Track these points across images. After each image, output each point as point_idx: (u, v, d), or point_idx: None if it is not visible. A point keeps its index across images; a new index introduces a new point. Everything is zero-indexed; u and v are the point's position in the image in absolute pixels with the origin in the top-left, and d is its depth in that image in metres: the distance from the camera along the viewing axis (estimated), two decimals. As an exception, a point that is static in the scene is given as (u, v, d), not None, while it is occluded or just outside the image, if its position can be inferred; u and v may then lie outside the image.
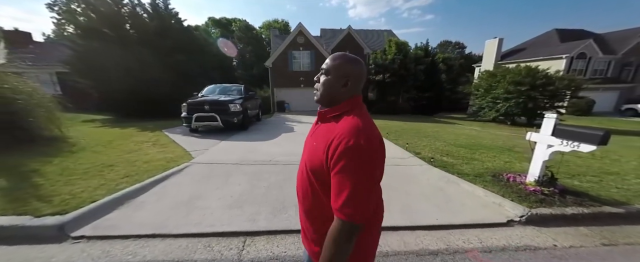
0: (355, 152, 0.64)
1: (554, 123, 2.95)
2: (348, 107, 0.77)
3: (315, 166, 0.75)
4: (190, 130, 6.55)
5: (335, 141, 0.68)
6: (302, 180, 0.83)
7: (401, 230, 2.30)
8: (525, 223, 2.48)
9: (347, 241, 0.66)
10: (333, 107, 0.79)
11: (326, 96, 0.80)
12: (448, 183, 3.40)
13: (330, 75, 0.78)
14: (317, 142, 0.78)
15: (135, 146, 4.78)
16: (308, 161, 0.79)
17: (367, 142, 0.66)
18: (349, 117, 0.73)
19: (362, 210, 0.65)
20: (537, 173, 3.14)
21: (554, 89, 8.98)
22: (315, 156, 0.75)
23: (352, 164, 0.64)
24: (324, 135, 0.76)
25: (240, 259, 1.83)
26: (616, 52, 17.91)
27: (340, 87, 0.77)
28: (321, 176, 0.74)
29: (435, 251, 2.01)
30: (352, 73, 0.77)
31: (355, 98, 0.79)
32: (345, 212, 0.65)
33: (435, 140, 6.41)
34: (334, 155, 0.67)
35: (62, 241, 1.94)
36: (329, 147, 0.69)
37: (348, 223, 0.65)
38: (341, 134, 0.68)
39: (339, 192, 0.66)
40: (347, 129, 0.68)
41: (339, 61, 0.77)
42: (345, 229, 0.65)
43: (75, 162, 3.57)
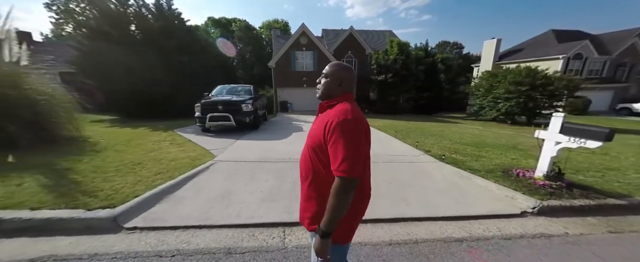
0: (344, 125, 0.85)
1: (562, 121, 3.16)
2: (340, 99, 1.00)
3: (315, 144, 0.95)
4: (203, 129, 6.69)
5: (330, 120, 0.88)
6: (305, 158, 1.04)
7: (425, 221, 2.49)
8: (537, 214, 2.69)
9: (345, 193, 0.84)
10: (329, 99, 1.03)
11: (325, 93, 1.04)
12: (461, 178, 3.60)
13: (328, 79, 1.03)
14: (317, 126, 1.00)
15: (154, 145, 4.91)
16: (310, 142, 1.00)
17: (353, 117, 0.87)
18: (340, 104, 0.96)
19: (354, 167, 0.83)
20: (546, 168, 3.35)
21: (554, 89, 9.27)
22: (316, 136, 0.95)
23: (343, 134, 0.84)
24: (322, 120, 0.96)
25: (285, 247, 2.00)
26: (611, 52, 18.35)
27: (336, 87, 1.02)
28: (319, 151, 0.94)
29: (459, 238, 2.20)
30: (345, 77, 1.02)
31: (347, 94, 1.02)
32: (342, 169, 0.83)
33: (441, 139, 6.62)
34: (329, 131, 0.87)
35: (117, 232, 2.09)
36: (325, 127, 0.89)
37: (345, 178, 0.83)
38: (334, 115, 0.89)
39: (335, 156, 0.85)
40: (338, 111, 0.90)
41: (335, 68, 1.03)
42: (344, 183, 0.83)
43: (104, 160, 3.70)
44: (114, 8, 11.06)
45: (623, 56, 18.38)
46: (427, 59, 16.75)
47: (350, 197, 0.85)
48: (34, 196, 2.43)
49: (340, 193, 0.83)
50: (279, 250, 1.95)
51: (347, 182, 0.83)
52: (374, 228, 2.33)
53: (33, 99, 4.37)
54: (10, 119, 3.92)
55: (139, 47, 11.23)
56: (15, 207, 2.22)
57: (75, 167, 3.33)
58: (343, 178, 0.83)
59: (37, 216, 2.10)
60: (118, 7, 11.18)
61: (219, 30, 35.25)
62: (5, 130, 3.86)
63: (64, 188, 2.65)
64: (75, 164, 3.48)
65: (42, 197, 2.42)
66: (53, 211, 2.20)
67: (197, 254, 1.86)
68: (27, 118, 4.18)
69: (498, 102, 10.56)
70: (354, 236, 2.14)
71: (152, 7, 12.84)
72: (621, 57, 18.41)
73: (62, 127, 4.92)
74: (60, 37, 27.57)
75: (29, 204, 2.28)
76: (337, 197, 0.84)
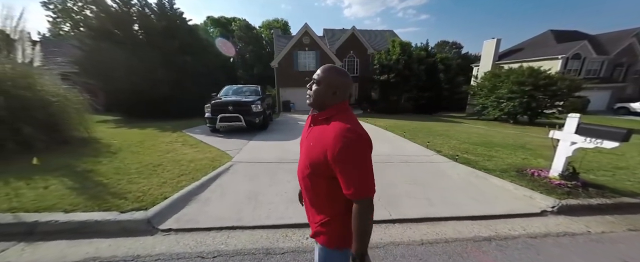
0: (350, 148, 0.81)
1: (578, 122, 3.23)
2: (335, 111, 0.91)
3: (314, 162, 0.89)
4: (212, 130, 6.69)
5: (331, 144, 0.82)
6: (303, 176, 0.98)
7: (451, 220, 2.54)
8: (557, 213, 2.76)
9: (367, 214, 0.83)
10: (323, 111, 0.94)
11: (317, 102, 0.94)
12: (477, 178, 3.67)
13: (320, 86, 0.91)
14: (313, 142, 0.92)
15: (167, 146, 4.91)
16: (307, 159, 0.93)
17: (356, 136, 0.82)
18: (337, 121, 0.87)
19: (369, 186, 0.83)
20: (560, 168, 3.43)
21: (556, 89, 9.42)
22: (314, 154, 0.89)
23: (351, 157, 0.81)
24: (318, 136, 0.90)
25: (301, 249, 2.03)
26: (609, 52, 18.62)
27: (330, 95, 0.91)
28: (319, 170, 0.89)
29: (487, 237, 2.26)
30: (341, 84, 0.91)
31: (341, 103, 0.93)
32: (358, 192, 0.81)
33: (449, 138, 6.70)
34: (334, 157, 0.81)
35: (153, 234, 2.12)
36: (327, 151, 0.83)
37: (363, 200, 0.82)
38: (334, 137, 0.82)
39: (348, 181, 0.81)
40: (338, 131, 0.83)
41: (328, 74, 0.91)
42: (365, 205, 0.82)
43: (123, 162, 3.71)
44: (116, 7, 10.96)
45: (620, 56, 18.66)
46: (429, 59, 16.87)
47: (371, 216, 0.84)
48: (64, 199, 2.43)
49: (363, 215, 0.82)
50: (311, 251, 1.98)
51: (367, 203, 0.82)
52: (402, 228, 2.37)
53: (46, 100, 4.35)
54: (26, 121, 3.90)
55: (142, 47, 11.17)
56: (48, 209, 2.23)
57: (97, 169, 3.33)
58: (363, 200, 0.82)
59: (74, 218, 2.11)
60: (121, 6, 11.09)
61: (218, 30, 35.06)
62: (21, 132, 3.84)
63: (91, 190, 2.65)
64: (95, 166, 3.48)
65: (72, 199, 2.43)
66: (87, 213, 2.21)
67: (238, 254, 1.90)
68: (41, 119, 4.16)
69: (501, 102, 10.69)
70: (388, 236, 2.22)
71: (155, 7, 12.76)
72: (619, 57, 18.70)
73: (74, 129, 4.91)
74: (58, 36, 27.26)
75: (60, 206, 2.29)
76: (362, 220, 0.82)
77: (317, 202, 0.97)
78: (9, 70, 4.05)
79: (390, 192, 3.07)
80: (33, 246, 1.89)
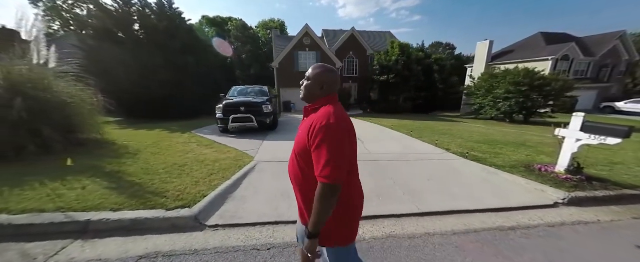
0: (327, 129, 0.84)
1: (583, 121, 3.49)
2: (324, 102, 0.99)
3: (301, 149, 0.94)
4: (222, 131, 6.73)
5: (313, 124, 0.88)
6: (293, 165, 1.03)
7: (475, 213, 2.73)
8: (568, 204, 2.99)
9: (328, 199, 0.83)
10: (313, 103, 1.04)
11: (307, 95, 1.05)
12: (490, 174, 3.89)
13: (310, 81, 1.03)
14: (302, 130, 0.99)
15: (184, 147, 4.95)
16: (296, 147, 0.99)
17: (336, 120, 0.86)
18: (323, 108, 0.95)
19: (337, 173, 0.83)
20: (566, 164, 3.68)
21: (551, 89, 9.89)
22: (301, 141, 0.94)
23: (326, 138, 0.84)
24: (306, 124, 0.95)
25: (364, 238, 2.18)
26: (595, 54, 19.51)
27: (318, 90, 1.01)
28: (306, 156, 0.92)
29: (511, 227, 2.45)
30: (327, 80, 1.01)
31: (330, 96, 1.02)
32: (324, 175, 0.83)
33: (453, 137, 6.96)
34: (313, 134, 0.86)
35: (202, 230, 2.21)
36: (309, 131, 0.88)
37: (327, 184, 0.83)
38: (317, 119, 0.88)
39: (318, 161, 0.84)
40: (321, 115, 0.90)
41: (317, 71, 1.02)
42: (326, 190, 0.83)
43: (147, 163, 3.75)
44: (117, 7, 10.80)
45: (606, 58, 19.59)
46: (427, 60, 17.28)
47: (333, 202, 0.85)
48: (106, 198, 2.49)
49: (323, 199, 0.84)
50: (360, 241, 2.12)
51: (330, 188, 0.83)
52: (432, 221, 2.54)
53: (63, 101, 4.33)
54: (45, 123, 3.88)
55: (143, 47, 11.04)
56: (95, 209, 2.29)
57: (124, 170, 3.37)
58: (326, 184, 0.83)
59: (124, 216, 2.19)
60: (121, 6, 10.93)
61: (214, 30, 34.69)
62: (41, 134, 3.83)
63: (129, 190, 2.71)
64: (122, 167, 3.52)
65: (115, 199, 2.49)
66: (134, 211, 2.29)
67: (288, 247, 2.02)
68: (58, 121, 4.15)
69: (498, 102, 11.11)
70: (421, 228, 2.38)
71: (155, 7, 12.62)
72: (604, 59, 19.62)
73: (88, 130, 4.89)
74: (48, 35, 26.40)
75: (106, 205, 2.35)
76: (320, 203, 0.84)
77: (305, 196, 0.99)
78: (26, 72, 4.02)
79: (413, 188, 3.25)
80: (90, 243, 1.96)
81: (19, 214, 2.15)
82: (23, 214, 2.14)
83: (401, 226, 2.40)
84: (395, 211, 2.64)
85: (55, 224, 2.05)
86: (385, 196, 3.01)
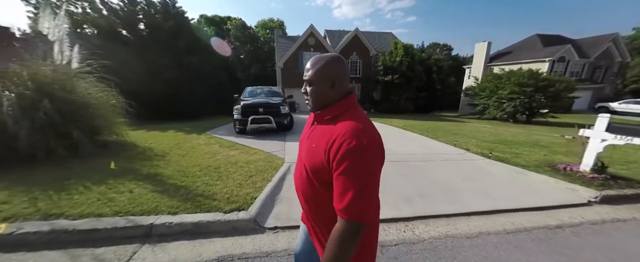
0: (357, 153, 0.65)
1: (608, 122, 3.62)
2: (343, 108, 0.77)
3: (316, 167, 0.75)
4: (239, 132, 6.69)
5: (337, 142, 0.67)
6: (302, 182, 0.83)
7: (518, 211, 2.80)
8: (600, 203, 3.10)
9: (351, 240, 0.66)
10: (327, 109, 0.79)
11: (318, 103, 0.80)
12: (518, 174, 3.99)
13: (314, 85, 0.78)
14: (315, 143, 0.77)
15: (207, 149, 4.92)
16: (307, 163, 0.79)
17: (369, 141, 0.67)
18: (347, 119, 0.73)
19: (367, 209, 0.66)
20: (591, 163, 3.81)
21: (555, 90, 10.18)
22: (316, 157, 0.75)
23: (356, 165, 0.65)
24: (322, 136, 0.75)
25: (424, 238, 2.22)
26: (589, 56, 20.12)
27: (328, 90, 0.77)
28: (322, 176, 0.74)
29: (558, 225, 2.54)
30: (336, 73, 0.76)
31: (348, 98, 0.79)
32: (350, 212, 0.65)
33: (467, 137, 7.09)
34: (337, 156, 0.66)
35: (263, 232, 2.22)
36: (330, 149, 0.69)
37: (353, 223, 0.65)
38: (343, 135, 0.68)
39: (343, 192, 0.66)
40: (348, 130, 0.68)
41: (318, 67, 0.77)
42: (350, 229, 0.65)
43: (180, 165, 3.71)
44: (122, 5, 10.61)
45: (599, 59, 20.23)
46: (428, 61, 17.52)
47: (354, 245, 0.67)
48: (159, 201, 2.47)
49: (344, 240, 0.66)
50: (420, 241, 2.17)
51: (354, 228, 0.66)
52: (480, 220, 2.60)
53: (87, 102, 4.25)
54: (74, 124, 3.81)
55: (149, 46, 10.88)
56: (152, 213, 2.27)
57: (162, 173, 3.34)
58: (350, 222, 0.65)
59: (185, 220, 2.18)
60: (126, 5, 10.74)
61: (212, 29, 34.30)
62: (69, 136, 3.75)
63: (177, 193, 2.69)
64: (157, 169, 3.48)
65: (167, 202, 2.47)
66: (192, 214, 2.28)
67: None
68: (84, 123, 4.07)
69: (503, 102, 11.36)
70: (474, 227, 2.44)
71: (159, 5, 12.45)
72: (598, 61, 20.25)
73: (110, 132, 4.81)
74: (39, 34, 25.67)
75: (162, 209, 2.33)
76: (340, 245, 0.66)
77: (319, 217, 0.81)
78: (51, 73, 3.93)
79: (450, 187, 3.32)
80: (159, 247, 1.95)
81: (77, 219, 2.11)
82: (82, 219, 2.11)
83: (454, 226, 2.45)
84: (444, 211, 2.69)
85: (118, 229, 2.03)
86: (427, 196, 3.06)
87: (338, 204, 0.68)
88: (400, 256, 1.94)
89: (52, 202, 2.36)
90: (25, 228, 1.93)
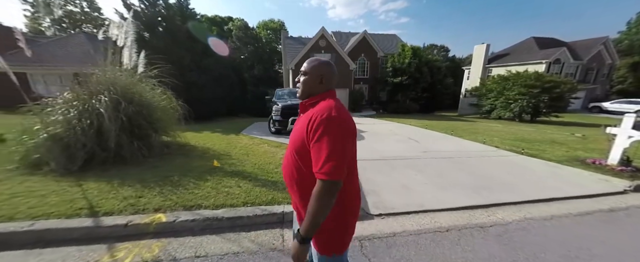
0: (328, 122, 0.78)
1: (634, 120, 4.12)
2: (322, 97, 0.94)
3: (298, 145, 0.88)
4: (273, 132, 6.99)
5: (313, 118, 0.82)
6: (288, 164, 0.97)
7: (569, 199, 3.22)
8: (634, 191, 3.57)
9: (327, 196, 0.76)
10: (312, 97, 0.96)
11: (306, 92, 0.98)
12: (554, 168, 4.45)
13: (307, 76, 0.96)
14: (299, 126, 0.93)
15: (260, 148, 5.20)
16: (292, 144, 0.94)
17: (337, 113, 0.81)
18: (323, 101, 0.90)
19: (338, 169, 0.76)
20: (618, 157, 4.31)
21: (560, 92, 10.89)
22: (298, 137, 0.89)
23: (327, 131, 0.78)
24: (304, 119, 0.89)
25: (508, 222, 2.60)
26: (582, 58, 21.23)
27: (317, 84, 0.96)
28: (303, 152, 0.86)
29: (610, 209, 2.97)
30: (326, 73, 0.95)
31: (329, 92, 0.96)
32: (324, 171, 0.76)
33: (487, 135, 7.57)
34: (312, 128, 0.80)
35: (373, 218, 2.55)
36: (308, 125, 0.82)
37: (327, 181, 0.76)
38: (317, 112, 0.83)
39: (318, 157, 0.78)
40: (322, 108, 0.84)
41: (314, 64, 0.97)
42: (326, 187, 0.76)
43: (254, 164, 3.97)
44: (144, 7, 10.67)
45: (592, 62, 21.38)
46: (435, 62, 18.15)
47: (332, 201, 0.78)
48: (268, 193, 2.75)
49: (321, 197, 0.77)
50: (505, 224, 2.54)
51: (330, 185, 0.76)
52: (545, 206, 3.00)
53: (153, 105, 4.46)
54: (151, 126, 4.03)
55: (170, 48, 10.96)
56: (275, 203, 2.57)
57: (244, 170, 3.61)
58: (325, 181, 0.77)
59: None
60: (147, 7, 10.79)
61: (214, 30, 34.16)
62: (148, 137, 3.97)
63: (275, 186, 2.98)
64: (237, 167, 3.75)
65: (276, 194, 2.76)
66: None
67: (452, 230, 2.40)
68: (156, 124, 4.29)
69: (510, 103, 12.02)
70: (544, 212, 2.84)
71: (175, 8, 12.52)
72: (590, 63, 21.40)
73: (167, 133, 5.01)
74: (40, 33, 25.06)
75: (279, 200, 2.63)
76: (318, 202, 0.77)
77: (304, 201, 0.89)
78: (126, 77, 4.15)
79: (502, 180, 3.72)
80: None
81: (215, 209, 2.39)
82: (221, 209, 2.39)
83: (527, 211, 2.84)
84: (511, 199, 3.09)
85: (258, 216, 2.32)
86: (488, 188, 3.44)
87: (314, 167, 0.80)
88: (503, 234, 2.32)
89: (180, 195, 2.62)
90: (181, 217, 2.21)
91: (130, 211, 2.26)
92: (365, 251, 2.00)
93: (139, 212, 2.25)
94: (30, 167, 3.19)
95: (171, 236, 2.07)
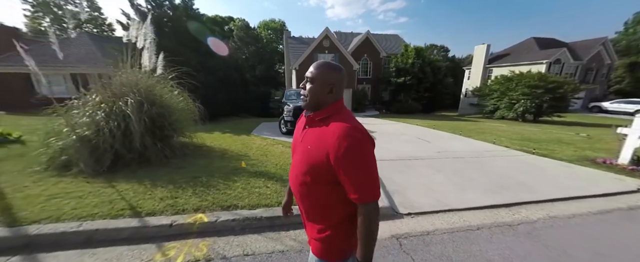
0: (355, 148, 0.75)
1: (645, 121, 4.22)
2: (333, 110, 0.86)
3: (314, 167, 0.83)
4: (286, 132, 7.05)
5: (334, 145, 0.76)
6: (299, 184, 0.91)
7: (588, 198, 3.31)
8: (647, 190, 3.67)
9: (376, 214, 0.78)
10: (319, 111, 0.87)
11: (313, 102, 0.87)
12: (567, 167, 4.54)
13: (315, 83, 0.85)
14: (311, 145, 0.85)
15: (276, 148, 5.27)
16: (305, 165, 0.86)
17: (361, 134, 0.78)
18: (338, 120, 0.81)
19: (375, 187, 0.78)
20: (629, 157, 4.42)
21: (563, 92, 11.03)
22: (313, 158, 0.83)
23: (357, 158, 0.76)
24: (317, 138, 0.84)
25: (532, 219, 2.68)
26: (582, 58, 21.46)
27: (326, 94, 0.85)
28: (320, 175, 0.82)
29: (630, 207, 3.06)
30: (336, 80, 0.85)
31: (338, 102, 0.88)
32: (365, 195, 0.77)
33: (495, 135, 7.67)
34: (338, 159, 0.75)
35: (402, 217, 2.63)
36: (329, 153, 0.77)
37: (370, 203, 0.78)
38: (335, 137, 0.76)
39: (354, 184, 0.76)
40: (340, 131, 0.77)
41: (322, 70, 0.85)
42: (371, 208, 0.78)
43: (273, 164, 4.04)
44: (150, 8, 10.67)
45: (591, 62, 21.62)
46: (438, 63, 18.27)
47: (378, 218, 0.80)
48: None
49: (374, 218, 0.78)
50: (531, 222, 2.62)
51: (373, 206, 0.79)
52: (565, 205, 3.09)
53: (172, 107, 4.50)
54: (172, 127, 4.07)
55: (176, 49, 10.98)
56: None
57: (267, 171, 3.68)
58: (369, 204, 0.78)
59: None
60: (154, 7, 10.80)
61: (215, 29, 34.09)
62: (170, 138, 4.02)
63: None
64: (259, 168, 3.81)
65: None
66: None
67: (484, 227, 2.48)
68: (175, 126, 4.34)
69: (513, 103, 12.15)
70: (565, 210, 2.93)
71: (180, 8, 12.53)
72: (590, 63, 21.64)
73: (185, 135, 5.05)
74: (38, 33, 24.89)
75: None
76: (368, 225, 0.78)
77: (314, 212, 0.92)
78: (147, 79, 4.18)
79: (518, 180, 3.81)
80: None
81: (252, 209, 2.45)
82: (257, 209, 2.45)
83: (548, 209, 2.93)
84: (532, 198, 3.17)
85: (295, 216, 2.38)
86: (506, 187, 3.53)
87: (353, 194, 0.78)
88: (533, 232, 2.40)
89: (214, 196, 2.67)
90: (222, 217, 2.27)
91: (170, 211, 2.31)
92: (405, 249, 2.07)
93: (180, 212, 2.31)
94: (59, 168, 3.22)
95: (214, 236, 2.13)
